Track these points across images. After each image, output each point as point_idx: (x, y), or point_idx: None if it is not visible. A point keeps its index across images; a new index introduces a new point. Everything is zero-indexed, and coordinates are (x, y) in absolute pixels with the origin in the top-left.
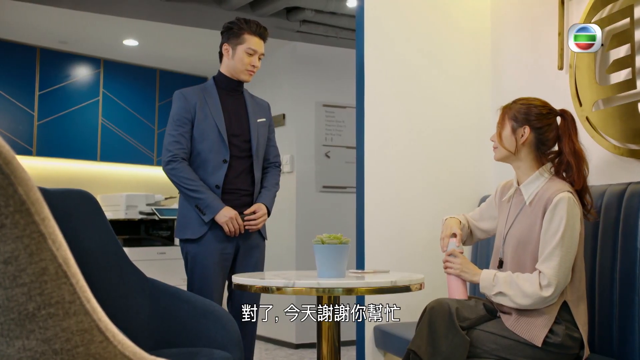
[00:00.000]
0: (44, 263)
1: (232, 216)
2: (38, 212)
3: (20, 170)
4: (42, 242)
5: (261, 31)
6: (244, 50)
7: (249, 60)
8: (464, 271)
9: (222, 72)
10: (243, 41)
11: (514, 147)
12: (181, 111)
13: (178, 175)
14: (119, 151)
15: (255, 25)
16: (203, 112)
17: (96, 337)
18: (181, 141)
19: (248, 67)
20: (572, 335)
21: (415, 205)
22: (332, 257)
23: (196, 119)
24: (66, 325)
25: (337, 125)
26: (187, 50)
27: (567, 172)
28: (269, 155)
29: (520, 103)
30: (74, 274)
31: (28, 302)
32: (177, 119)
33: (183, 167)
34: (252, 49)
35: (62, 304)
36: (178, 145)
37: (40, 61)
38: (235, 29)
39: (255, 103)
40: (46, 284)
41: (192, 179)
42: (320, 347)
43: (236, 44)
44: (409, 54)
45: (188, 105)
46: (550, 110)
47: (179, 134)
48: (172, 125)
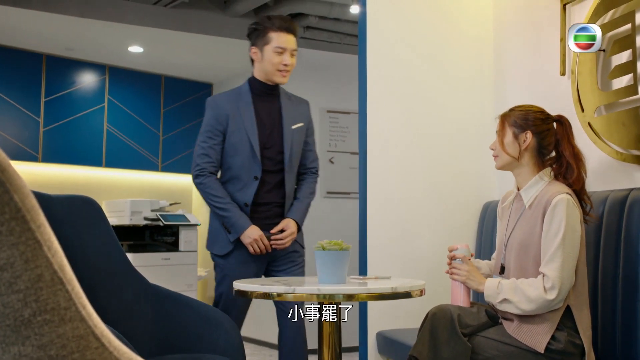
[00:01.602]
0: (40, 270)
1: (257, 238)
2: (34, 220)
3: (15, 178)
4: (38, 249)
5: (288, 25)
6: (272, 50)
7: (279, 59)
8: (470, 279)
9: (255, 77)
10: (269, 40)
11: (517, 153)
12: (213, 122)
13: (205, 190)
14: (124, 157)
15: (279, 20)
16: (236, 124)
17: (92, 344)
18: (210, 154)
19: (280, 67)
20: (574, 341)
21: (418, 211)
22: (333, 263)
23: (228, 131)
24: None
25: (341, 131)
26: (191, 57)
27: (568, 175)
28: (305, 160)
29: (518, 110)
30: (69, 280)
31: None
32: (208, 129)
33: (210, 183)
34: (281, 47)
35: (58, 310)
36: (206, 159)
37: (46, 68)
38: (260, 28)
39: (292, 105)
40: (42, 290)
41: (219, 196)
42: (322, 353)
43: (263, 45)
44: (412, 60)
45: (220, 115)
46: (547, 115)
47: (209, 146)
48: (203, 135)
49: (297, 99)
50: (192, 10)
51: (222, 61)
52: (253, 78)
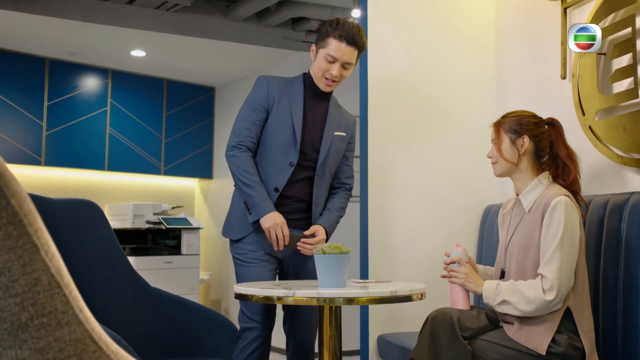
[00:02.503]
0: (37, 274)
1: (279, 222)
2: (31, 224)
3: (13, 182)
4: (35, 253)
5: (352, 36)
6: (324, 56)
7: (326, 67)
8: (468, 281)
9: (310, 74)
10: (326, 45)
11: (516, 158)
12: (259, 98)
13: (237, 163)
14: (126, 161)
15: (342, 28)
16: (282, 106)
17: (89, 347)
18: (252, 129)
19: (326, 75)
20: (574, 344)
21: (419, 216)
22: (333, 267)
23: (273, 111)
24: (59, 335)
25: None
26: (193, 61)
27: (566, 176)
28: (340, 174)
29: (511, 117)
30: (66, 284)
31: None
32: (253, 104)
33: (245, 157)
34: (332, 56)
35: (55, 314)
36: (247, 133)
37: (49, 72)
38: (323, 30)
39: (339, 115)
40: (39, 294)
41: (251, 173)
42: (322, 357)
43: (319, 48)
44: (413, 64)
45: (268, 93)
46: (540, 119)
47: (252, 121)
48: (247, 110)
49: (346, 112)
50: (194, 15)
51: (224, 65)
52: (308, 74)
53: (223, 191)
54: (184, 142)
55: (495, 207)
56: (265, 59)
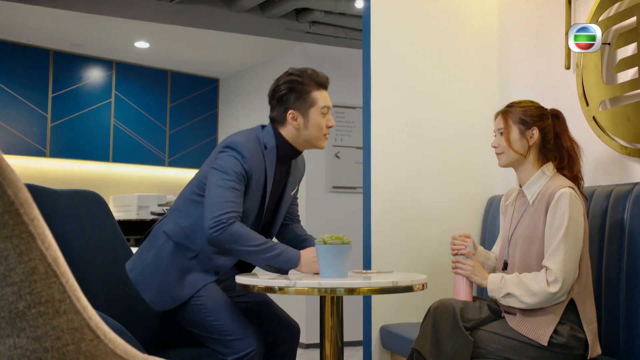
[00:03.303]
0: (34, 262)
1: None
2: (27, 213)
3: (8, 172)
4: (32, 242)
5: (323, 79)
6: (319, 113)
7: (325, 121)
8: (474, 274)
9: (288, 140)
10: (313, 102)
11: (525, 150)
12: (241, 169)
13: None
14: (131, 152)
15: (314, 77)
16: (256, 180)
17: (87, 336)
18: (239, 202)
19: (326, 131)
20: (576, 335)
21: (422, 206)
22: (334, 258)
23: (250, 183)
24: (56, 324)
25: (347, 126)
26: (197, 52)
27: (571, 167)
28: (293, 213)
29: (520, 107)
30: (63, 273)
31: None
32: (237, 176)
33: (247, 229)
34: (327, 107)
35: (52, 302)
36: (237, 207)
37: (53, 63)
38: (299, 87)
39: (296, 170)
40: (36, 283)
41: (261, 239)
42: (324, 348)
43: (308, 108)
44: (416, 54)
45: (248, 167)
46: (545, 110)
47: (239, 194)
48: (232, 179)
49: (301, 159)
50: (198, 6)
51: (228, 56)
52: (283, 141)
53: None
54: (189, 134)
55: (499, 198)
56: (269, 50)
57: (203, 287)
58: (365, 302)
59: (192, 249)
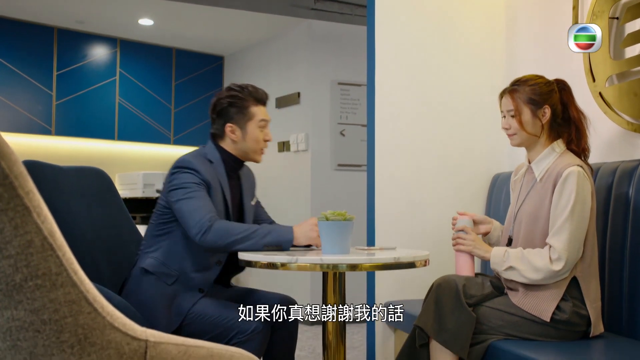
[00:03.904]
0: (29, 236)
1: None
2: (22, 186)
3: (2, 145)
4: (27, 215)
5: (262, 95)
6: (256, 126)
7: (263, 135)
8: (476, 248)
9: (230, 152)
10: (252, 115)
11: (539, 130)
12: (197, 180)
13: (228, 231)
14: (136, 130)
15: (256, 91)
16: (215, 190)
17: (84, 308)
18: (212, 205)
19: (263, 145)
20: (579, 312)
21: (427, 184)
22: (336, 234)
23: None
24: (54, 297)
25: (352, 103)
26: (202, 30)
27: (578, 140)
28: (263, 216)
29: (527, 85)
30: (60, 246)
31: (15, 273)
32: (197, 183)
33: (226, 222)
34: (265, 120)
35: (49, 275)
36: (211, 208)
37: (57, 41)
38: (238, 102)
39: (247, 180)
40: (32, 256)
41: (245, 227)
42: (326, 324)
43: (245, 122)
44: (421, 30)
45: (203, 177)
46: (551, 83)
47: (208, 199)
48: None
49: (246, 170)
50: None
51: (233, 34)
52: (227, 153)
53: None
54: (194, 112)
55: (504, 175)
56: (274, 27)
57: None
58: (369, 279)
59: (171, 274)
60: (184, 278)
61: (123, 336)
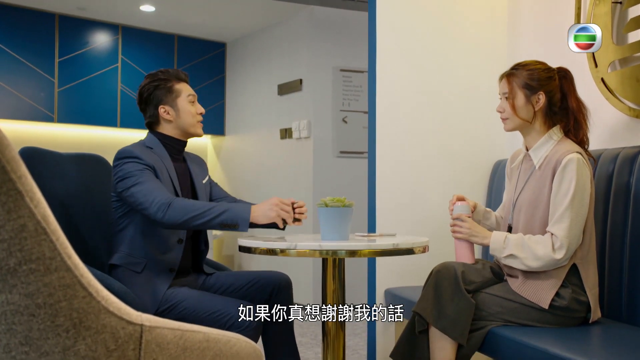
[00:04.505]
0: (23, 220)
1: (277, 202)
2: (14, 170)
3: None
4: (20, 200)
5: (184, 75)
6: (186, 102)
7: (195, 108)
8: (473, 235)
9: (168, 135)
10: (178, 93)
11: (531, 116)
12: (143, 166)
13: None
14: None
15: (173, 71)
16: (161, 173)
17: (79, 293)
18: (163, 187)
19: (199, 118)
20: (578, 298)
21: (427, 170)
22: (336, 220)
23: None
24: (48, 281)
25: (354, 90)
26: (204, 16)
27: (576, 131)
28: (221, 193)
29: (526, 69)
30: (53, 230)
31: (9, 257)
32: (141, 169)
33: (183, 200)
34: (192, 94)
35: (43, 259)
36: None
37: (59, 28)
38: (161, 83)
39: (194, 163)
40: (26, 240)
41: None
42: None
43: (174, 99)
44: (422, 16)
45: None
46: (552, 71)
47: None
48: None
49: (193, 156)
50: None
51: (235, 20)
52: (166, 137)
53: (235, 148)
54: None
55: (505, 162)
56: (277, 14)
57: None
58: (370, 265)
59: (139, 262)
60: (151, 263)
61: (118, 320)
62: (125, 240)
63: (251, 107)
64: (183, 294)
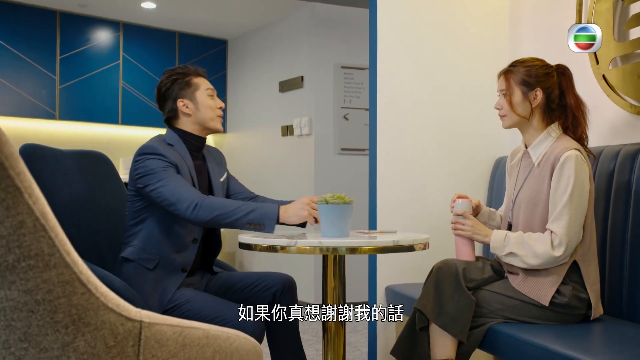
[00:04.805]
0: (21, 216)
1: (307, 202)
2: (13, 167)
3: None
4: (18, 196)
5: (202, 70)
6: (205, 95)
7: (214, 102)
8: (475, 233)
9: (188, 131)
10: (197, 87)
11: (528, 113)
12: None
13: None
14: (139, 115)
15: (192, 67)
16: (183, 170)
17: (78, 289)
18: (189, 184)
19: (218, 112)
20: (579, 295)
21: (429, 168)
22: (336, 217)
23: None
24: (47, 277)
25: (355, 87)
26: (205, 13)
27: (575, 128)
28: (242, 189)
29: (523, 66)
30: (52, 227)
31: (7, 254)
32: (166, 167)
33: (213, 198)
34: (211, 89)
35: (42, 256)
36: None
37: (60, 25)
38: (180, 78)
39: (212, 158)
40: (24, 236)
41: (231, 201)
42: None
43: (192, 93)
44: (423, 14)
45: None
46: (550, 68)
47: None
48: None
49: (213, 149)
50: None
51: (237, 17)
52: (186, 133)
53: (237, 145)
54: None
55: (506, 159)
56: (278, 11)
57: (179, 296)
58: (370, 262)
59: (152, 259)
60: (164, 261)
61: (117, 317)
62: (139, 235)
63: (252, 104)
64: (188, 296)
